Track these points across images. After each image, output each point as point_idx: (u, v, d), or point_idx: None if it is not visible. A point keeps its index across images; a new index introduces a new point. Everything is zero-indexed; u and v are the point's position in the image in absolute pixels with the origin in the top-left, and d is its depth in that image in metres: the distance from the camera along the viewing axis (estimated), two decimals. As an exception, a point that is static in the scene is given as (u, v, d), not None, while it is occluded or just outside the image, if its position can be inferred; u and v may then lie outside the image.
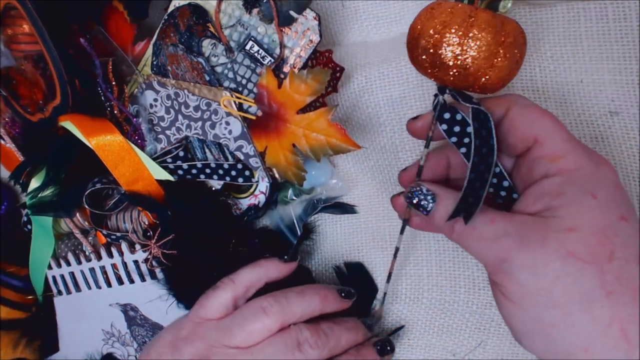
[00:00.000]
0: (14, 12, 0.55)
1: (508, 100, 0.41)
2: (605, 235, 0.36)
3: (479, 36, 0.39)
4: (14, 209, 0.73)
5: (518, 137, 0.40)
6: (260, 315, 0.50)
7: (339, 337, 0.51)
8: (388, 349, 0.53)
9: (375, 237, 0.60)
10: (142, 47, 0.58)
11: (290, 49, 0.52)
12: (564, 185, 0.38)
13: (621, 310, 0.35)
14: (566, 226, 0.36)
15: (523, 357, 0.53)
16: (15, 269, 0.70)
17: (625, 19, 0.48)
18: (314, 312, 0.52)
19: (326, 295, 0.53)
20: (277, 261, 0.55)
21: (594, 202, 0.36)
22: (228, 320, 0.51)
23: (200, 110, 0.54)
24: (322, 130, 0.50)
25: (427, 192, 0.42)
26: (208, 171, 0.57)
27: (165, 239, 0.55)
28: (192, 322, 0.52)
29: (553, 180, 0.38)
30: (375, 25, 0.60)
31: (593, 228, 0.36)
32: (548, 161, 0.39)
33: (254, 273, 0.54)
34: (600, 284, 0.35)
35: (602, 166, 0.38)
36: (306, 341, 0.49)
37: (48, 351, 0.69)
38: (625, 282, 0.35)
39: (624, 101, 0.48)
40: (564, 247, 0.36)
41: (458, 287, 0.55)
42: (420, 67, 0.42)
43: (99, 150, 0.54)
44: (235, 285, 0.53)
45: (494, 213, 0.39)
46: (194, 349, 0.50)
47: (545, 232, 0.36)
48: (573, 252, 0.35)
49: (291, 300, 0.51)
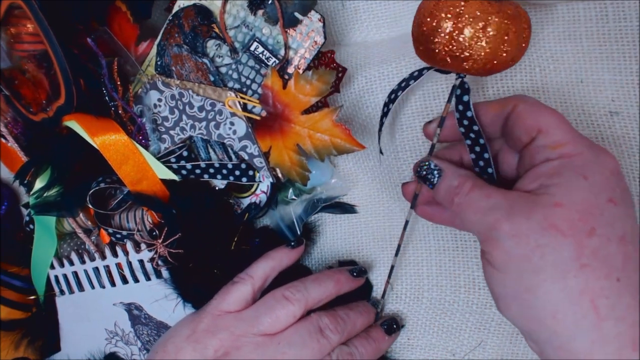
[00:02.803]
0: (18, 11, 0.55)
1: (516, 98, 0.44)
2: (589, 213, 0.38)
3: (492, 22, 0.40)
4: (14, 209, 0.73)
5: (523, 128, 0.42)
6: (284, 303, 0.53)
7: (355, 321, 0.55)
8: (394, 327, 0.57)
9: (375, 237, 0.60)
10: (145, 47, 0.58)
11: (294, 50, 0.52)
12: (559, 167, 0.40)
13: (594, 283, 0.37)
14: (553, 202, 0.38)
15: (523, 357, 0.54)
16: (17, 269, 0.70)
17: (625, 19, 0.48)
18: (331, 296, 0.56)
19: (339, 279, 0.56)
20: (286, 249, 0.58)
21: (584, 183, 0.38)
22: (252, 310, 0.54)
23: (204, 111, 0.55)
24: (326, 131, 0.50)
25: (435, 167, 0.46)
26: (212, 171, 0.57)
27: (172, 238, 0.55)
28: (211, 315, 0.54)
29: (551, 163, 0.40)
30: (375, 25, 0.60)
31: (578, 205, 0.38)
32: (550, 148, 0.41)
33: (268, 265, 0.56)
34: (576, 256, 0.37)
35: (601, 154, 0.40)
36: (327, 327, 0.53)
37: (49, 351, 0.69)
38: (602, 258, 0.37)
39: (624, 101, 0.49)
40: (547, 220, 0.38)
41: (458, 286, 0.56)
42: (432, 58, 0.43)
43: (103, 149, 0.55)
44: (253, 279, 0.55)
45: (490, 189, 0.42)
46: (217, 340, 0.52)
47: (532, 206, 0.39)
48: (555, 224, 0.38)
49: (309, 287, 0.54)
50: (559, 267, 0.37)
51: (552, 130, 0.41)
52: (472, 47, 0.40)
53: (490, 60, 0.41)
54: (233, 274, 0.57)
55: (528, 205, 0.39)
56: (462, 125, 0.46)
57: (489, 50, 0.40)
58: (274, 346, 0.52)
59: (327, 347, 0.53)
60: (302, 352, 0.52)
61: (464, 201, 0.43)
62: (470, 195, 0.42)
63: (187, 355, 0.53)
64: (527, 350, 0.54)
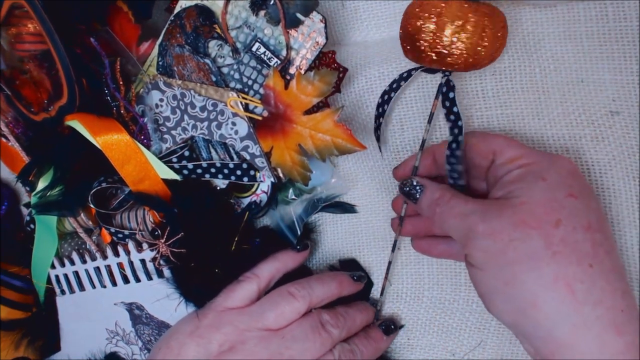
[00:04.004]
0: (19, 11, 0.55)
1: (466, 135, 0.49)
2: (551, 207, 0.41)
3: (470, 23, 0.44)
4: (14, 209, 0.73)
5: (480, 154, 0.48)
6: (289, 299, 0.54)
7: (354, 317, 0.56)
8: (392, 327, 0.58)
9: (375, 237, 0.60)
10: (146, 47, 0.58)
11: (296, 51, 0.53)
12: (520, 175, 0.44)
13: (567, 268, 0.40)
14: (519, 202, 0.42)
15: (523, 357, 0.54)
16: (17, 269, 0.70)
17: (625, 19, 0.48)
18: (333, 296, 0.57)
19: (342, 280, 0.58)
20: (292, 252, 0.59)
21: (543, 184, 0.42)
22: (256, 306, 0.55)
23: (206, 111, 0.55)
24: (328, 131, 0.51)
25: (417, 184, 0.50)
26: (213, 170, 0.57)
27: (175, 237, 0.55)
28: (214, 311, 0.55)
29: (512, 173, 0.45)
30: (375, 25, 0.60)
31: (540, 202, 0.42)
32: (508, 163, 0.45)
33: (274, 266, 0.58)
34: (546, 245, 0.40)
35: (555, 158, 0.45)
36: (328, 322, 0.54)
37: (49, 351, 0.69)
38: (572, 245, 0.40)
39: (625, 101, 0.49)
40: (516, 216, 0.41)
41: (459, 284, 0.56)
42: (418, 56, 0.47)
43: (106, 149, 0.55)
44: (259, 279, 0.56)
45: (467, 197, 0.46)
46: (222, 334, 0.53)
47: (502, 207, 0.43)
48: (523, 219, 0.41)
49: (313, 285, 0.56)
50: (532, 257, 0.40)
51: (505, 149, 0.46)
52: (454, 44, 0.44)
53: (471, 55, 0.45)
54: (234, 274, 0.57)
55: (498, 207, 0.43)
56: (448, 119, 0.49)
57: (469, 45, 0.44)
58: (278, 340, 0.53)
59: (329, 341, 0.54)
60: (306, 346, 0.53)
61: (445, 209, 0.47)
62: (450, 204, 0.46)
63: (191, 350, 0.53)
64: (527, 350, 0.54)
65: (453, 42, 0.44)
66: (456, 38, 0.44)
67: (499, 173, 0.46)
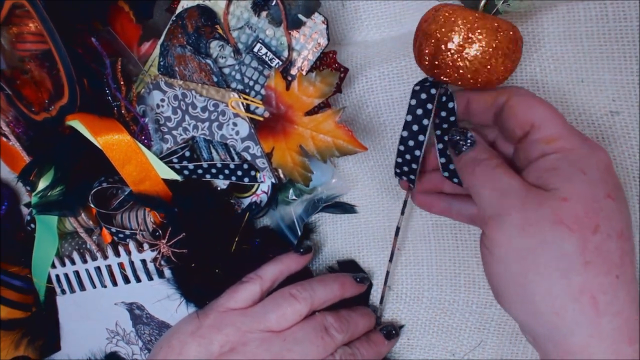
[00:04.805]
0: (20, 11, 0.55)
1: (509, 90, 0.45)
2: (592, 209, 0.38)
3: (479, 38, 0.41)
4: (14, 209, 0.73)
5: (517, 122, 0.43)
6: (291, 301, 0.54)
7: (357, 322, 0.56)
8: (393, 332, 0.58)
9: (375, 237, 0.60)
10: (147, 47, 0.58)
11: (298, 52, 0.53)
12: (558, 162, 0.40)
13: (594, 280, 0.37)
14: (560, 196, 0.39)
15: (523, 357, 0.54)
16: (17, 269, 0.70)
17: (625, 19, 0.48)
18: (335, 298, 0.56)
19: (344, 282, 0.57)
20: (295, 255, 0.59)
21: (583, 178, 0.39)
22: (259, 307, 0.55)
23: (207, 111, 0.55)
24: (329, 132, 0.51)
25: (470, 136, 0.45)
26: (214, 171, 0.57)
27: (176, 238, 0.55)
28: (216, 311, 0.55)
29: (549, 157, 0.41)
30: (375, 25, 0.60)
31: (582, 200, 0.38)
32: (544, 143, 0.41)
33: (277, 268, 0.57)
34: (580, 252, 0.38)
35: (595, 149, 0.41)
36: (331, 325, 0.54)
37: (49, 350, 0.69)
38: (604, 254, 0.38)
39: (625, 101, 0.49)
40: (555, 214, 0.38)
41: (458, 285, 0.56)
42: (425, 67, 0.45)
43: (107, 149, 0.54)
44: (262, 280, 0.56)
45: (512, 173, 0.42)
46: (223, 335, 0.53)
47: (542, 199, 0.39)
48: (563, 219, 0.38)
49: (315, 287, 0.56)
50: (564, 265, 0.38)
51: (546, 124, 0.42)
52: (477, 60, 0.42)
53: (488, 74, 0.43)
54: (234, 274, 0.57)
55: (538, 197, 0.39)
56: (440, 128, 0.48)
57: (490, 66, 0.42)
58: (280, 342, 0.53)
59: (332, 345, 0.53)
60: (308, 349, 0.52)
61: (485, 174, 0.43)
62: (495, 171, 0.42)
63: (192, 350, 0.53)
64: (527, 350, 0.54)
65: (476, 58, 0.42)
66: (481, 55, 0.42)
67: (533, 153, 0.42)
